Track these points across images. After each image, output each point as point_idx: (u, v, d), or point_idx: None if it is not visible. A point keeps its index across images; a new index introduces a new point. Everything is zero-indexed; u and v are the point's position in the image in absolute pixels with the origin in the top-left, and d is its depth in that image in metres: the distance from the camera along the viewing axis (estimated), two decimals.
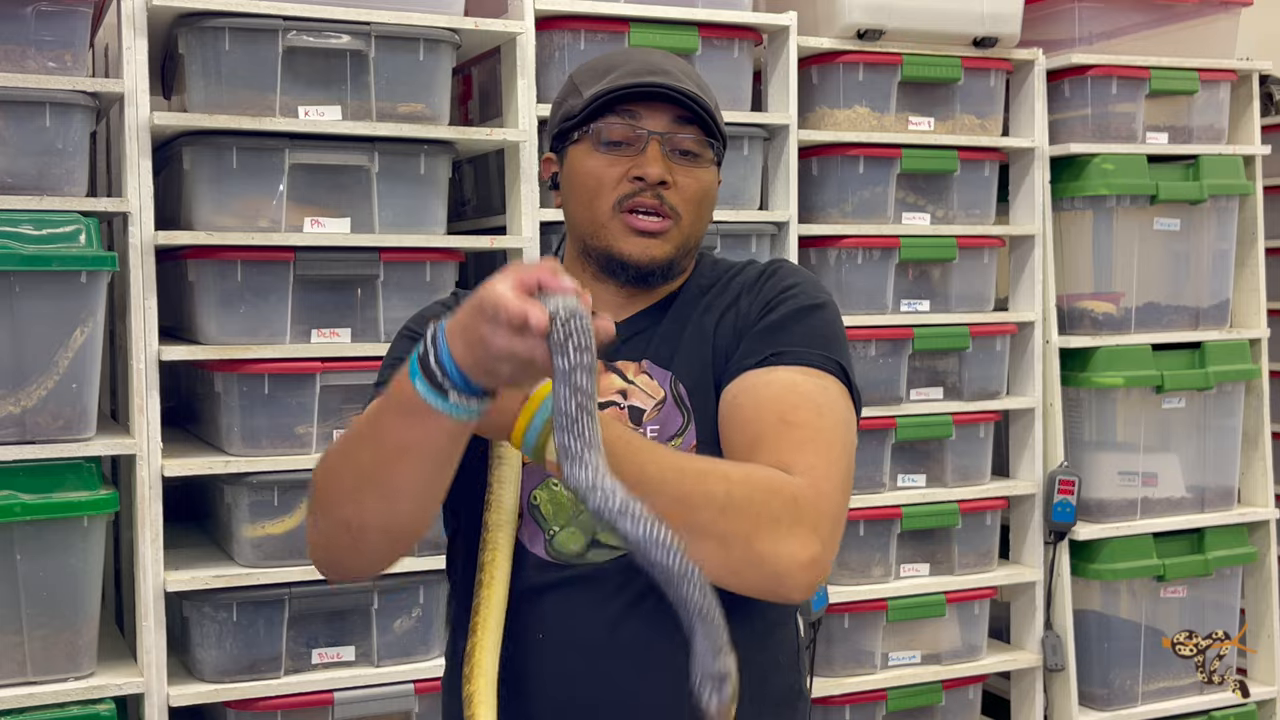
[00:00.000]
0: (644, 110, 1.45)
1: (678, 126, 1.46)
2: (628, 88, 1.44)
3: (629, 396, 1.46)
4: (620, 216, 1.45)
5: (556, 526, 1.43)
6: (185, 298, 2.57)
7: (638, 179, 1.43)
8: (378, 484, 1.26)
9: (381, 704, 2.55)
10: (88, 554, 2.36)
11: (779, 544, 1.25)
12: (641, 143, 1.44)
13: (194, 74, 2.46)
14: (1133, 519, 3.23)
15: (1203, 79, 3.28)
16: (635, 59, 1.49)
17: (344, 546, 1.35)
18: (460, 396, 1.16)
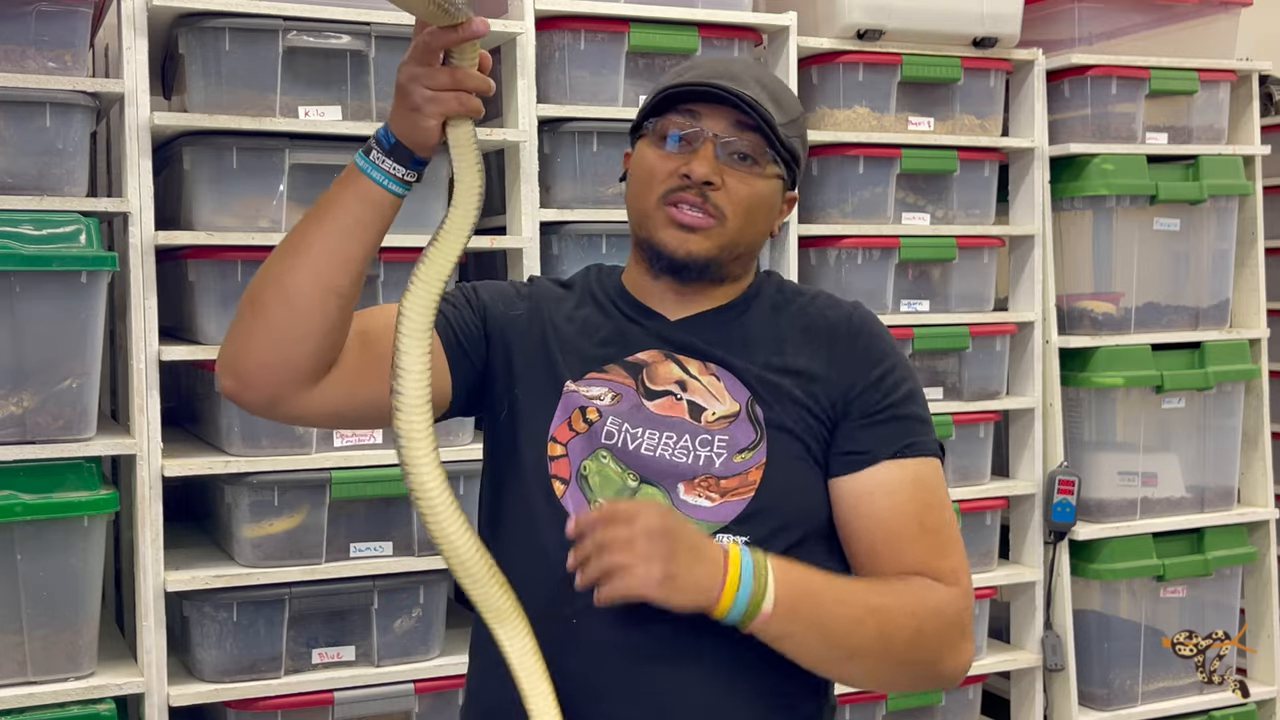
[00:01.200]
0: (706, 111, 1.47)
1: (736, 131, 1.47)
2: (691, 85, 1.47)
3: (688, 390, 1.48)
4: (664, 208, 1.47)
5: (604, 500, 1.44)
6: (185, 298, 2.58)
7: (684, 175, 1.46)
8: (294, 247, 1.38)
9: (381, 704, 2.55)
10: (88, 554, 2.36)
11: (956, 661, 1.45)
12: (698, 141, 1.47)
13: (194, 74, 2.46)
14: (1132, 519, 3.23)
15: (1202, 79, 3.28)
16: (714, 63, 1.53)
17: (246, 326, 1.39)
18: (380, 152, 1.35)
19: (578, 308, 1.56)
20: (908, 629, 1.40)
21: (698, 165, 1.45)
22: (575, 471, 1.45)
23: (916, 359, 3.06)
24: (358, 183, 1.36)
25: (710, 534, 1.41)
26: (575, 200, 2.73)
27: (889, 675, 1.46)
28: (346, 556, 2.54)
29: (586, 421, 1.47)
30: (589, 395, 1.49)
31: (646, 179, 1.49)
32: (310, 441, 2.52)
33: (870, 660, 1.40)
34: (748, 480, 1.44)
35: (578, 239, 2.72)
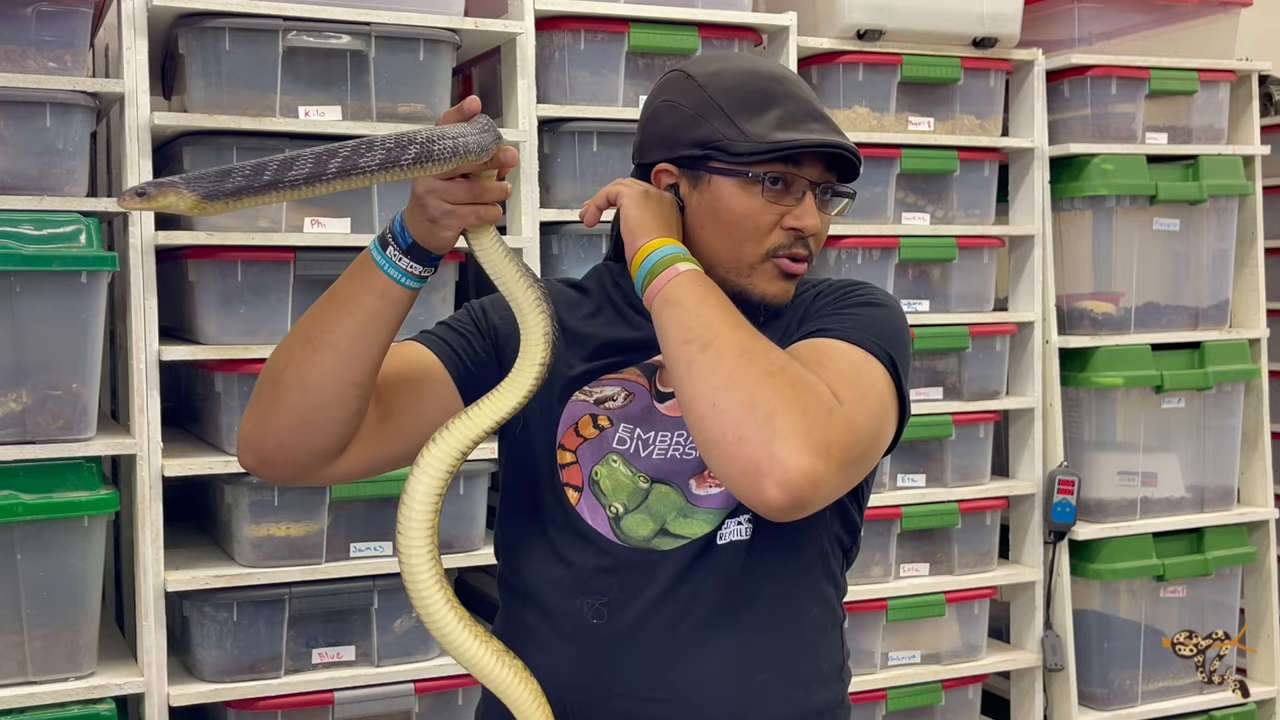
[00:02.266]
0: (804, 158, 1.44)
1: (829, 175, 1.46)
2: (813, 146, 1.42)
3: None
4: (771, 262, 1.45)
5: (619, 505, 1.44)
6: (185, 298, 2.57)
7: (793, 229, 1.44)
8: (307, 336, 1.38)
9: (381, 704, 2.55)
10: (88, 554, 2.36)
11: (792, 438, 1.22)
12: (800, 191, 1.44)
13: (194, 74, 2.46)
14: (1132, 519, 3.23)
15: (1202, 79, 3.28)
16: (793, 94, 1.46)
17: (264, 409, 1.39)
18: (396, 250, 1.35)
19: (596, 313, 1.55)
20: (775, 360, 1.27)
21: (809, 219, 1.43)
22: (587, 477, 1.45)
23: (917, 359, 3.06)
24: (373, 277, 1.36)
25: (722, 519, 1.42)
26: (575, 200, 2.73)
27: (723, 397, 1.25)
28: (346, 556, 2.54)
29: (597, 427, 1.47)
30: (602, 396, 1.49)
31: (749, 229, 1.44)
32: None
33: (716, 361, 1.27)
34: None
35: (578, 239, 2.72)
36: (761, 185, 1.42)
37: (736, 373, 1.26)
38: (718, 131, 1.44)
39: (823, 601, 1.50)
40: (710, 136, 1.44)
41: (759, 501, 1.24)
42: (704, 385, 1.27)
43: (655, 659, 1.41)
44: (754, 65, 1.50)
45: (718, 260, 1.46)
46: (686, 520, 1.43)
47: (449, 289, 2.64)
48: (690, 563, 1.41)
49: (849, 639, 2.98)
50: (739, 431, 1.23)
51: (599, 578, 1.43)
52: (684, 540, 1.42)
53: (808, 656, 1.48)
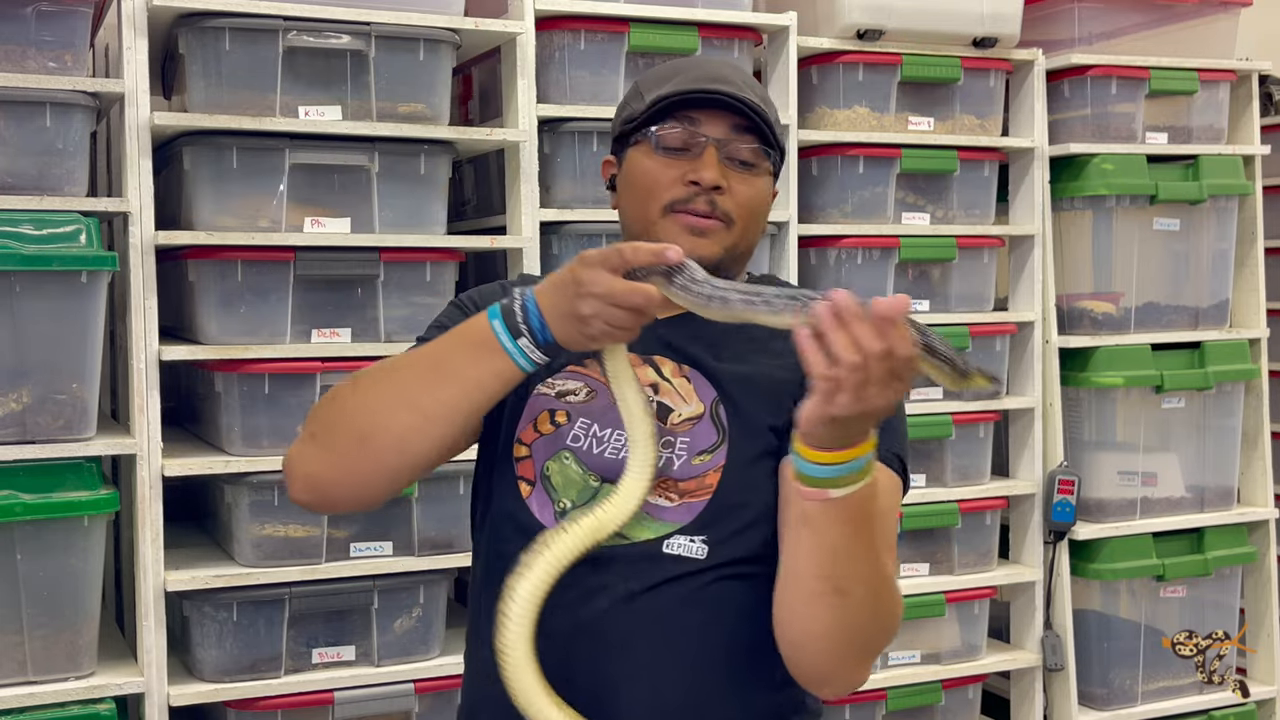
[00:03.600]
0: (704, 117, 1.47)
1: (736, 135, 1.47)
2: (689, 93, 1.46)
3: (660, 393, 1.47)
4: (671, 216, 1.46)
5: (567, 500, 1.44)
6: (185, 298, 2.57)
7: (693, 183, 1.45)
8: (414, 402, 1.34)
9: (381, 704, 2.55)
10: (88, 554, 2.36)
11: (866, 667, 1.40)
12: (699, 148, 1.46)
13: (194, 74, 2.46)
14: (1132, 519, 3.23)
15: (1202, 79, 3.28)
16: (699, 66, 1.52)
17: (346, 459, 1.38)
18: (530, 341, 1.30)
19: None
20: (884, 625, 1.36)
21: (706, 171, 1.45)
22: (539, 472, 1.45)
23: None
24: (499, 362, 1.32)
25: (668, 534, 1.41)
26: (575, 200, 2.73)
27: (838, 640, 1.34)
28: (346, 556, 2.54)
29: (554, 424, 1.47)
30: (564, 389, 1.48)
31: (649, 187, 1.47)
32: None
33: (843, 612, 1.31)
34: (705, 483, 1.43)
35: (578, 239, 2.72)
36: (656, 145, 1.47)
37: (859, 630, 1.34)
38: (631, 110, 1.51)
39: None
40: (626, 116, 1.52)
41: (808, 688, 1.43)
42: (823, 622, 1.33)
43: (597, 655, 1.40)
44: (692, 56, 1.54)
45: (634, 228, 1.50)
46: (633, 522, 1.41)
47: (449, 289, 2.64)
48: (635, 564, 1.40)
49: None
50: (835, 666, 1.37)
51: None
52: (626, 540, 1.41)
53: (759, 660, 1.45)
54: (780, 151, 1.52)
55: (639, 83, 1.55)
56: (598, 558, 1.41)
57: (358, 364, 2.53)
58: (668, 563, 1.41)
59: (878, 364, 1.16)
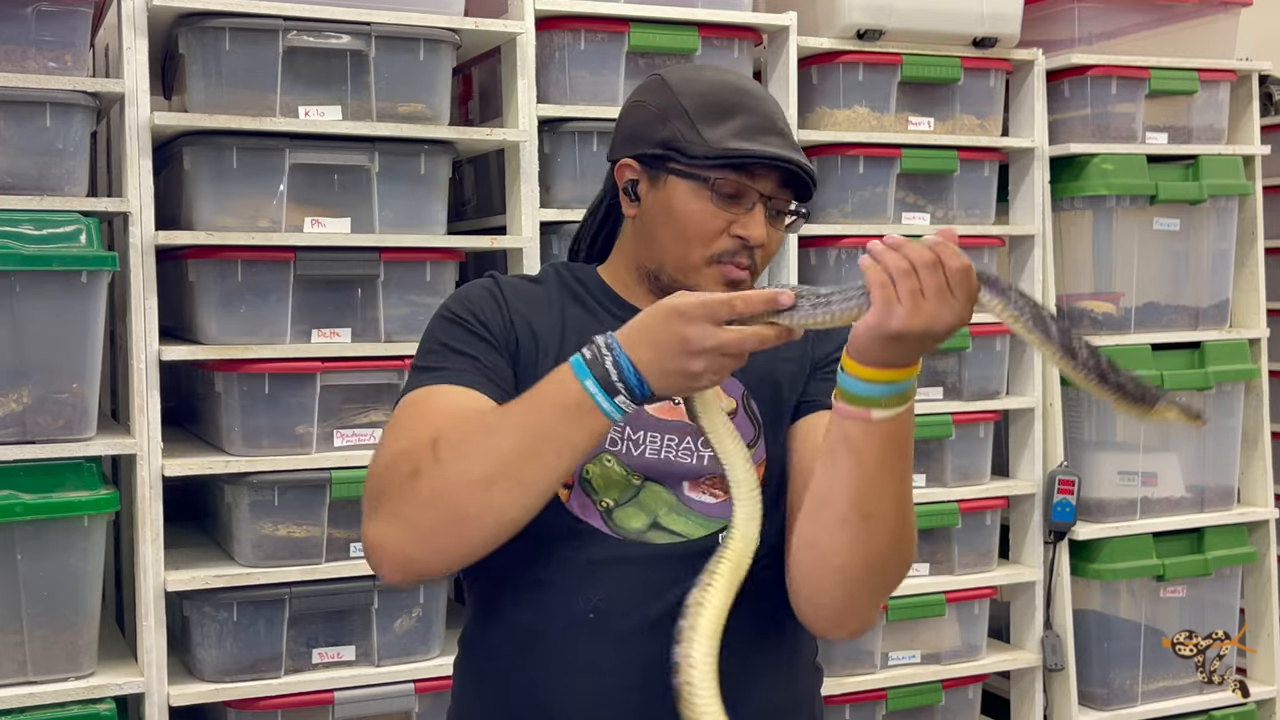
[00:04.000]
0: (759, 170, 1.45)
1: (781, 190, 1.47)
2: (765, 158, 1.43)
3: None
4: (715, 267, 1.46)
5: (610, 499, 1.44)
6: (185, 298, 2.57)
7: (739, 238, 1.45)
8: (515, 475, 1.28)
9: (381, 704, 2.55)
10: (88, 554, 2.36)
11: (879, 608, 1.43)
12: (750, 202, 1.45)
13: (194, 74, 2.46)
14: (1132, 519, 3.23)
15: (1202, 79, 3.28)
16: (756, 106, 1.48)
17: (442, 539, 1.32)
18: (627, 399, 1.26)
19: (562, 308, 1.53)
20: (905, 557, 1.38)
21: (755, 230, 1.44)
22: (578, 475, 1.45)
23: None
24: (594, 422, 1.28)
25: (721, 527, 1.42)
26: (575, 200, 2.73)
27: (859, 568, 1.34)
28: (347, 556, 2.54)
29: None
30: None
31: (696, 231, 1.45)
32: (310, 441, 2.52)
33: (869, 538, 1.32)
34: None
35: None
36: (712, 191, 1.44)
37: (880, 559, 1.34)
38: (679, 133, 1.46)
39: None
40: (671, 137, 1.47)
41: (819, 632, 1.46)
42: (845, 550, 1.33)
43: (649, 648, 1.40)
44: (725, 77, 1.53)
45: (666, 258, 1.48)
46: (680, 518, 1.44)
47: (449, 289, 2.64)
48: (688, 561, 1.40)
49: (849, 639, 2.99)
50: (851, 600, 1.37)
51: (593, 571, 1.43)
52: (679, 538, 1.43)
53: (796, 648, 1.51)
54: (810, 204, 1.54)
55: (679, 98, 1.48)
56: (656, 556, 1.42)
57: (357, 364, 2.53)
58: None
59: (928, 274, 1.20)
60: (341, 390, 2.55)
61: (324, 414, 2.53)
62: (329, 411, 2.54)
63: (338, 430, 2.54)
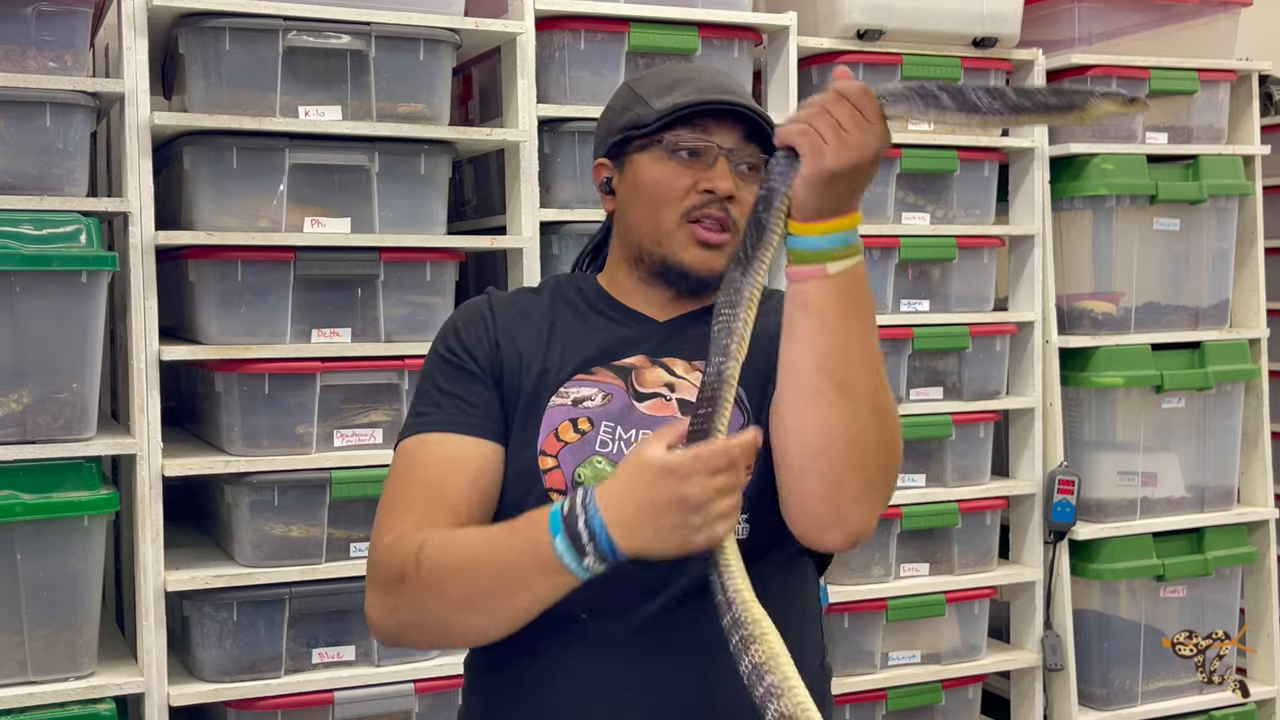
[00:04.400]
0: (714, 126, 1.48)
1: (744, 144, 1.49)
2: (706, 103, 1.47)
3: (676, 390, 1.48)
4: (687, 227, 1.48)
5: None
6: (185, 298, 2.57)
7: (707, 192, 1.46)
8: (484, 609, 1.34)
9: (381, 704, 2.55)
10: (88, 554, 2.36)
11: (876, 506, 1.36)
12: (711, 156, 1.47)
13: (194, 74, 2.46)
14: (1132, 519, 3.23)
15: (1202, 79, 3.28)
16: (704, 76, 1.53)
17: (425, 636, 1.44)
18: (596, 561, 1.27)
19: (553, 316, 1.55)
20: (885, 433, 1.35)
21: (722, 181, 1.46)
22: (570, 479, 1.45)
23: (916, 359, 3.06)
24: (561, 578, 1.29)
25: None
26: (575, 200, 2.73)
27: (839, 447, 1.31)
28: (347, 556, 2.54)
29: (578, 431, 1.47)
30: (579, 396, 1.48)
31: (662, 195, 1.48)
32: (310, 441, 2.52)
33: (847, 408, 1.30)
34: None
35: (578, 239, 2.72)
36: (668, 151, 1.48)
37: (863, 435, 1.31)
38: (635, 115, 1.51)
39: (804, 596, 1.52)
40: (629, 121, 1.52)
41: (815, 541, 1.38)
42: (824, 425, 1.31)
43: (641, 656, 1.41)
44: (680, 62, 1.56)
45: (642, 233, 1.50)
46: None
47: (449, 289, 2.64)
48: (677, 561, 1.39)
49: (850, 639, 2.99)
50: (837, 483, 1.32)
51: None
52: None
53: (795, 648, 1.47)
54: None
55: (634, 87, 1.55)
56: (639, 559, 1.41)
57: (357, 364, 2.53)
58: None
59: (837, 107, 1.30)
60: (341, 390, 2.55)
61: (324, 414, 2.53)
62: (329, 411, 2.54)
63: (338, 430, 2.54)
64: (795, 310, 1.32)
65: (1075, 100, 1.26)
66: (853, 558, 2.99)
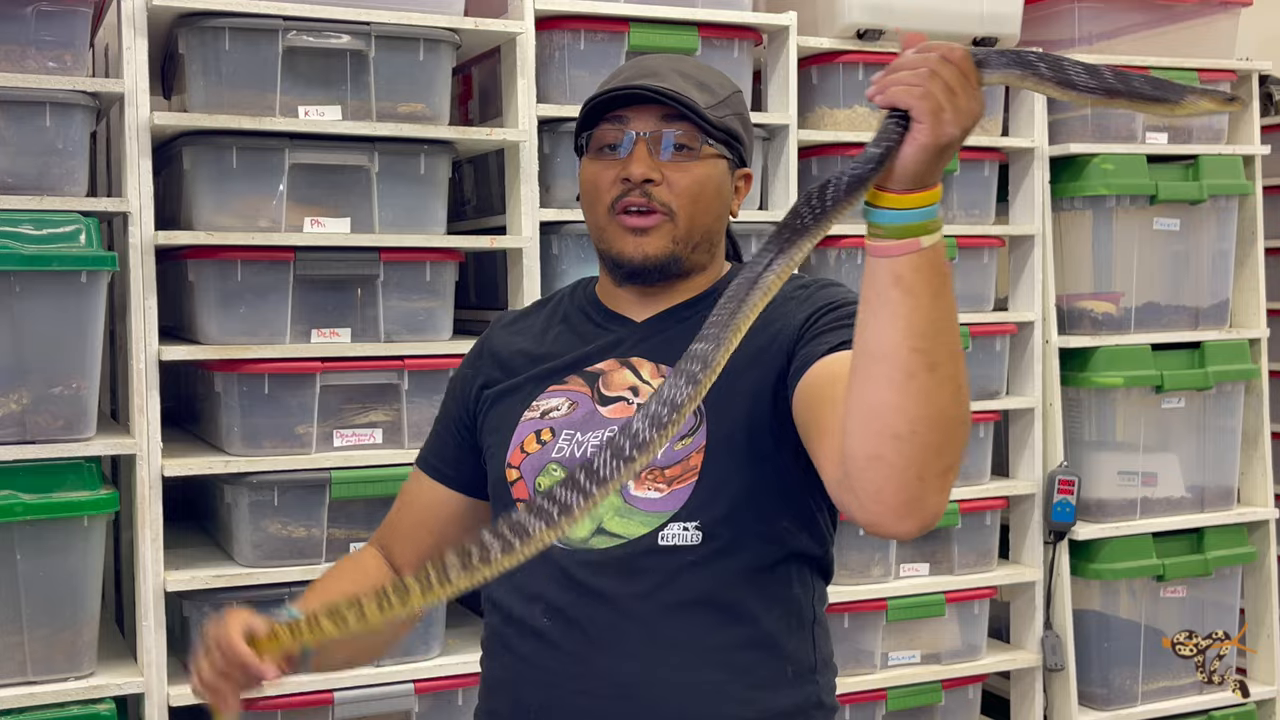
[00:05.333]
0: (632, 114, 1.48)
1: (664, 124, 1.47)
2: (608, 93, 1.48)
3: (639, 394, 1.48)
4: (615, 218, 1.48)
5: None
6: (185, 298, 2.57)
7: (625, 180, 1.47)
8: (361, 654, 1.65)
9: (381, 704, 2.55)
10: (88, 554, 2.36)
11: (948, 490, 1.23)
12: (628, 145, 1.48)
13: (194, 74, 2.46)
14: (1132, 519, 3.23)
15: (1203, 79, 3.28)
16: (633, 66, 1.53)
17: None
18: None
19: (546, 329, 1.59)
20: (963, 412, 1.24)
21: (634, 166, 1.46)
22: (531, 489, 1.47)
23: None
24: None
25: (661, 525, 1.42)
26: (575, 200, 2.73)
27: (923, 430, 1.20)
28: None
29: (540, 442, 1.49)
30: (547, 407, 1.50)
31: (592, 192, 1.50)
32: (310, 441, 2.52)
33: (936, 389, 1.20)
34: (689, 465, 1.43)
35: (578, 239, 2.72)
36: (588, 149, 1.51)
37: (946, 415, 1.20)
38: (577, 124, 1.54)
39: (786, 604, 1.46)
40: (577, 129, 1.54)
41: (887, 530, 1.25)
42: (913, 407, 1.19)
43: (605, 657, 1.41)
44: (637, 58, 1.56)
45: (592, 234, 1.54)
46: (623, 520, 1.43)
47: (449, 289, 2.64)
48: (631, 562, 1.41)
49: (850, 639, 2.99)
50: (920, 470, 1.20)
51: (543, 581, 1.44)
52: (621, 540, 1.42)
53: (768, 658, 1.45)
54: (723, 133, 1.50)
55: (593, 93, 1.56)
56: (594, 562, 1.42)
57: (357, 364, 2.53)
58: (664, 556, 1.41)
59: (945, 68, 1.15)
60: (341, 390, 2.55)
61: (324, 414, 2.53)
62: (329, 411, 2.54)
63: (337, 430, 2.54)
64: (888, 288, 1.21)
65: (1170, 94, 1.22)
66: (852, 558, 2.98)
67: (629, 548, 1.42)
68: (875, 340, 1.21)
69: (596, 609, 1.41)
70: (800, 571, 1.48)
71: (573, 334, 1.56)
